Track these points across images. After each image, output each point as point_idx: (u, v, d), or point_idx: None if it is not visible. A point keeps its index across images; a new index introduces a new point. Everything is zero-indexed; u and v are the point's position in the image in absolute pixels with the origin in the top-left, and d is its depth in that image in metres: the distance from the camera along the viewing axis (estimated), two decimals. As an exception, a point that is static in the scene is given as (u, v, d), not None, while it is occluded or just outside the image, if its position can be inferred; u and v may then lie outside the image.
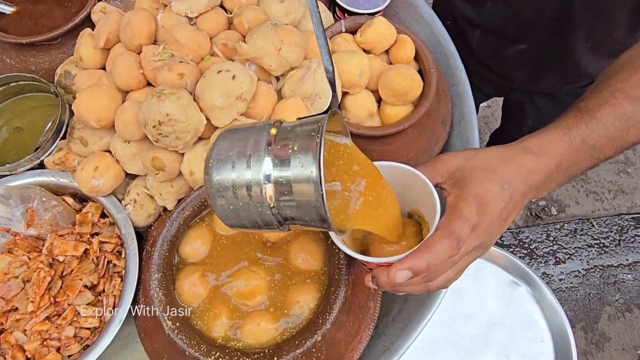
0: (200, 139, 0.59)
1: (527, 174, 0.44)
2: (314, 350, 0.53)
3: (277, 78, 0.62)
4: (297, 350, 0.50)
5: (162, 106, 0.53)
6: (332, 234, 0.43)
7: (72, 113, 0.66)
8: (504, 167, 0.43)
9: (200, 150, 0.59)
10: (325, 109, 0.41)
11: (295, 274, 0.56)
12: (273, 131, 0.38)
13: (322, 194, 0.34)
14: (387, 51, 0.69)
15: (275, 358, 0.49)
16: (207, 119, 0.56)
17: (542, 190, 0.46)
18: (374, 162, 0.44)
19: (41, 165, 0.65)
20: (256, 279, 0.55)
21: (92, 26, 0.68)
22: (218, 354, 0.50)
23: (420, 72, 0.68)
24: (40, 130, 0.68)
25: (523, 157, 0.45)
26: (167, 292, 0.53)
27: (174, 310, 0.52)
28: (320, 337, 0.51)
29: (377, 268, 0.43)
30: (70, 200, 0.65)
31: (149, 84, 0.62)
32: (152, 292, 0.51)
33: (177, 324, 0.51)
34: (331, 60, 0.42)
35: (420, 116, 0.64)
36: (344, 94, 0.64)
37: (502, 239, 1.79)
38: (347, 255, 0.55)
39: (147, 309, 0.57)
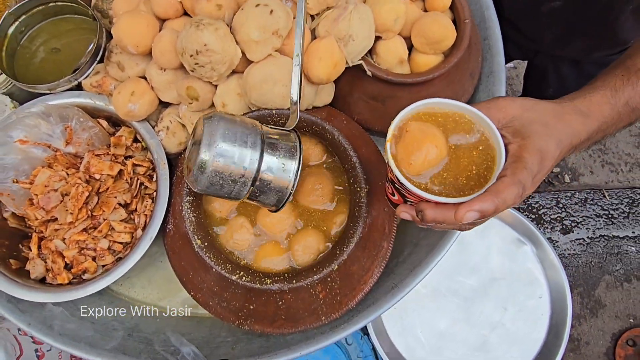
0: (233, 72, 0.60)
1: (573, 134, 0.45)
2: (329, 279, 0.58)
3: (312, 17, 0.62)
4: (315, 276, 0.54)
5: (201, 36, 0.54)
6: (392, 165, 0.45)
7: (108, 37, 0.68)
8: (558, 125, 0.45)
9: (233, 84, 0.60)
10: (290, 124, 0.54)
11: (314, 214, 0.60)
12: (264, 133, 0.51)
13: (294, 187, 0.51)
14: (423, -2, 0.68)
15: (294, 281, 0.54)
16: (242, 53, 0.58)
17: (579, 149, 0.48)
18: (434, 99, 0.47)
19: (79, 87, 0.67)
20: (284, 212, 0.58)
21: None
22: (242, 273, 0.54)
23: (454, 21, 0.67)
24: (76, 52, 0.70)
25: (573, 117, 0.46)
26: (197, 214, 0.56)
27: (201, 233, 0.56)
28: (336, 267, 0.55)
29: (424, 203, 0.45)
30: (104, 123, 0.68)
31: (185, 14, 0.63)
32: (184, 212, 0.55)
33: (206, 244, 0.55)
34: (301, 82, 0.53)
35: (450, 67, 0.64)
36: (377, 38, 0.64)
37: (512, 202, 1.81)
38: (367, 196, 0.58)
39: (175, 229, 0.61)
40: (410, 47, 0.67)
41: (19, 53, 0.71)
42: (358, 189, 0.57)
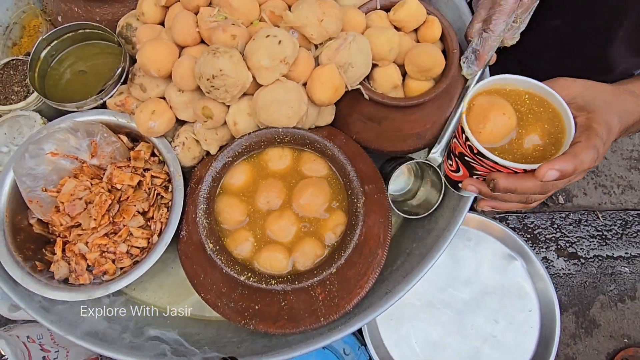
0: (244, 94, 0.67)
1: (628, 113, 0.49)
2: (328, 282, 0.63)
3: (316, 46, 0.69)
4: (315, 278, 0.59)
5: (217, 62, 0.61)
6: (468, 134, 0.47)
7: (131, 61, 0.75)
8: (617, 103, 0.49)
9: (244, 105, 0.67)
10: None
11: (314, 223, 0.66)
12: None
13: None
14: (416, 30, 0.75)
15: (296, 282, 0.59)
16: (253, 77, 0.65)
17: (629, 132, 0.52)
18: (503, 75, 0.50)
19: (103, 106, 0.74)
20: (287, 221, 0.64)
21: (153, -15, 0.76)
22: (249, 274, 0.60)
23: (444, 51, 0.74)
24: (102, 74, 0.77)
25: (627, 97, 0.50)
26: (209, 221, 0.62)
27: (213, 237, 0.62)
28: (334, 270, 0.60)
29: (496, 172, 0.47)
30: (125, 138, 0.75)
31: (202, 42, 0.70)
32: (198, 219, 0.61)
33: (217, 247, 0.61)
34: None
35: (439, 92, 0.71)
36: (374, 65, 0.71)
37: (507, 222, 1.85)
38: (363, 206, 0.64)
39: (188, 235, 0.67)
40: (404, 74, 0.74)
41: (49, 74, 0.78)
42: (355, 200, 0.63)
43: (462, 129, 0.49)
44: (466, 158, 0.50)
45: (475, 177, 0.52)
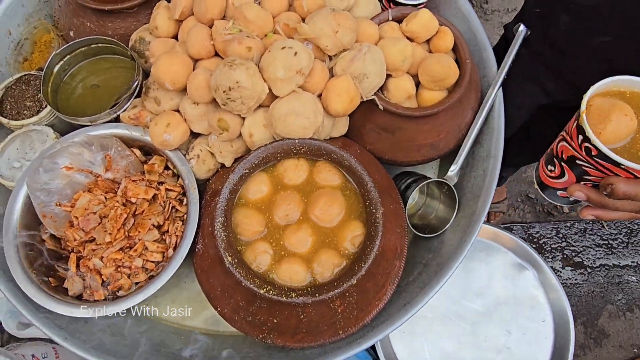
0: (260, 106, 0.67)
1: None
2: (347, 294, 0.62)
3: (330, 58, 0.69)
4: (335, 290, 0.58)
5: (233, 74, 0.61)
6: (590, 134, 0.45)
7: (145, 75, 0.75)
8: None
9: (259, 116, 0.67)
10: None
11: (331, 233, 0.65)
12: None
13: None
14: (428, 40, 0.76)
15: (316, 294, 0.58)
16: (269, 89, 0.65)
17: None
18: (620, 76, 0.48)
19: (116, 119, 0.74)
20: (304, 232, 0.64)
21: (166, -1, 0.77)
22: (269, 287, 0.59)
23: (456, 61, 0.75)
24: (114, 88, 0.77)
25: None
26: (227, 233, 0.62)
27: (231, 250, 0.61)
28: (355, 282, 0.59)
29: (614, 177, 0.45)
30: (138, 152, 0.74)
31: (216, 54, 0.70)
32: (216, 232, 0.60)
33: (236, 260, 0.60)
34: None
35: (453, 102, 0.71)
36: (388, 76, 0.71)
37: (513, 231, 1.85)
38: (382, 216, 0.63)
39: (204, 249, 0.67)
40: (418, 84, 0.74)
41: (61, 88, 0.78)
42: (374, 210, 0.63)
43: (578, 130, 0.46)
44: (578, 162, 0.48)
45: (583, 182, 0.49)
